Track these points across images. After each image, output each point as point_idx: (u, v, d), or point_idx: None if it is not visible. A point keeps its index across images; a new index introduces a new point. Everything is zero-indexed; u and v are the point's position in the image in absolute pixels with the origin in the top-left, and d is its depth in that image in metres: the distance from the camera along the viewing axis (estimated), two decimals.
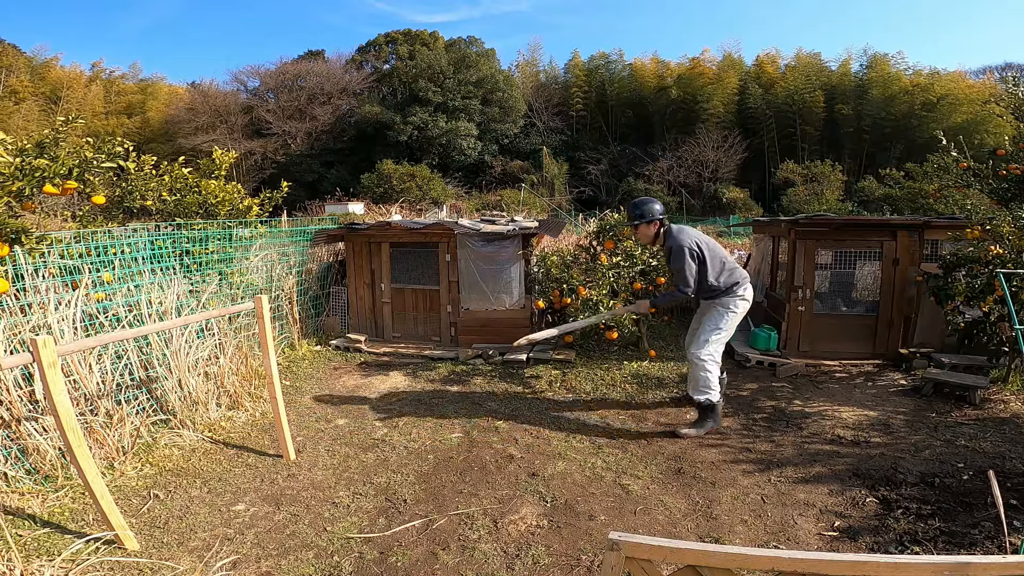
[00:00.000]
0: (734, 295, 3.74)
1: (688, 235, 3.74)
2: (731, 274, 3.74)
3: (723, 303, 3.75)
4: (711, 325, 3.77)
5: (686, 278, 3.62)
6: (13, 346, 3.29)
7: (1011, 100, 5.27)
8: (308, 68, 32.02)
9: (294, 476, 3.32)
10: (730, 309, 3.75)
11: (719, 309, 3.77)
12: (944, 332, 5.04)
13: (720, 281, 3.71)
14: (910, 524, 2.67)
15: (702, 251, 3.67)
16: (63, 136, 3.82)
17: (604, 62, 34.28)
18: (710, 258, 3.68)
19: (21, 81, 28.62)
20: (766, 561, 1.25)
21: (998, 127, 20.51)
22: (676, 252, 3.64)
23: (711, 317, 3.79)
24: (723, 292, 3.73)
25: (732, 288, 3.73)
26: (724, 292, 3.73)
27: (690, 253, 3.63)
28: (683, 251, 3.62)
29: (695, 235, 3.78)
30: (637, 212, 3.86)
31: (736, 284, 3.73)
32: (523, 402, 4.55)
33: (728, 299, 3.74)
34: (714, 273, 3.69)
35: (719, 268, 3.71)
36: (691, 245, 3.65)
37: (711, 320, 3.79)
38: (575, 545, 2.62)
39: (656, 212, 3.83)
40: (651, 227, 3.85)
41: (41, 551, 2.48)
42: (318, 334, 6.52)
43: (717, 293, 3.74)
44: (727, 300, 3.74)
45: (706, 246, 3.72)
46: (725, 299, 3.74)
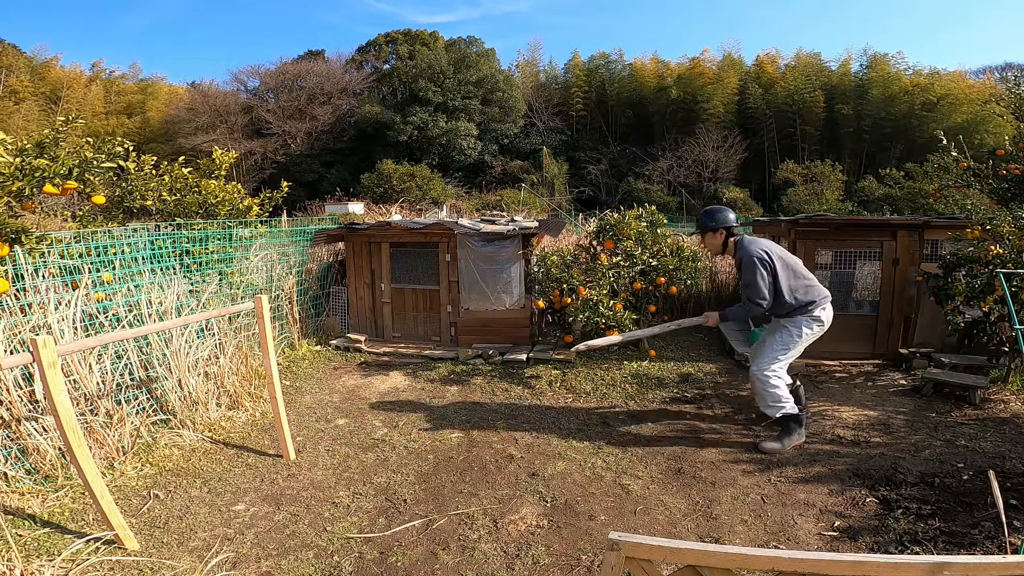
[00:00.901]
0: (809, 314, 3.42)
1: (760, 245, 3.47)
2: (807, 291, 3.43)
3: (795, 323, 3.45)
4: (780, 345, 3.48)
5: (760, 289, 3.33)
6: (13, 346, 3.29)
7: (1011, 100, 5.27)
8: (308, 68, 32.01)
9: (294, 476, 3.32)
10: (803, 329, 3.43)
11: (791, 329, 3.47)
12: (944, 332, 5.03)
13: (795, 297, 3.41)
14: (910, 524, 2.67)
15: (773, 262, 3.39)
16: (63, 136, 3.82)
17: (604, 62, 34.27)
18: (782, 270, 3.39)
19: (21, 81, 28.60)
20: (766, 561, 1.25)
21: (998, 127, 20.50)
22: (747, 262, 3.40)
23: (781, 336, 3.50)
24: (796, 310, 3.43)
25: (807, 306, 3.41)
26: (798, 310, 3.43)
27: (760, 263, 3.37)
28: (753, 261, 3.37)
29: (767, 245, 3.50)
30: (709, 219, 3.62)
31: (812, 303, 3.41)
32: (523, 402, 4.55)
33: (802, 318, 3.43)
34: (787, 287, 3.38)
35: (793, 282, 3.41)
36: (760, 254, 3.40)
37: (781, 339, 3.49)
38: (575, 545, 2.62)
39: (721, 221, 3.58)
40: (717, 236, 3.59)
41: (41, 551, 2.48)
42: (318, 334, 6.52)
43: (791, 310, 3.44)
44: (800, 320, 3.44)
45: (778, 257, 3.43)
46: (799, 318, 3.44)
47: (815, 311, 3.43)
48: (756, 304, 3.40)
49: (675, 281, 5.82)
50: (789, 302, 3.41)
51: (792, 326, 3.47)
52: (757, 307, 3.41)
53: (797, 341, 3.48)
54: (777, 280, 3.38)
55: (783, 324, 3.52)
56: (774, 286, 3.39)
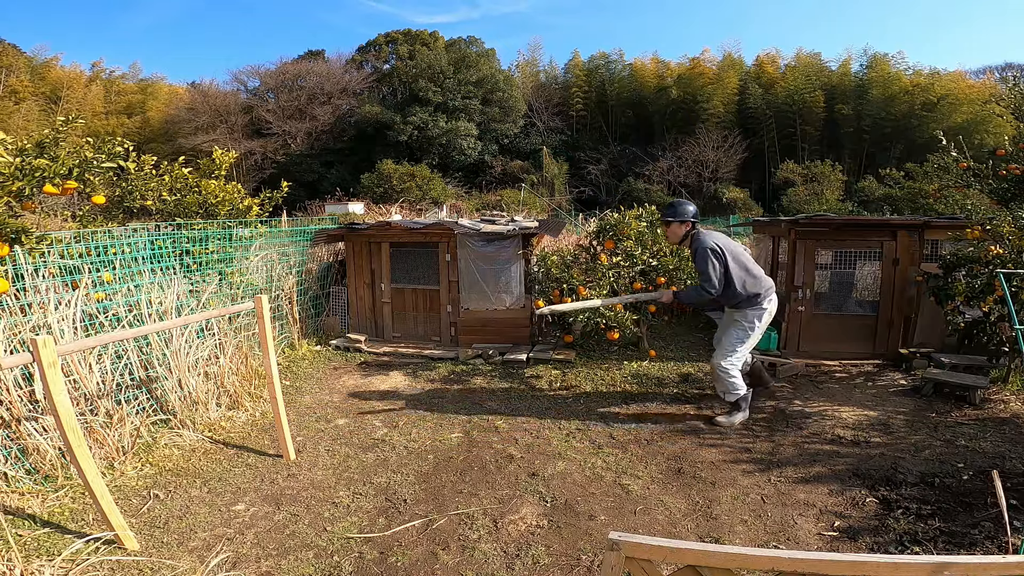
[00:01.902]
0: (757, 306, 3.76)
1: (713, 238, 3.79)
2: (755, 284, 3.75)
3: (746, 316, 3.79)
4: (737, 338, 3.83)
5: (710, 278, 3.65)
6: (13, 346, 3.29)
7: (1011, 100, 5.27)
8: (308, 68, 32.01)
9: (294, 476, 3.32)
10: (754, 321, 3.79)
11: (743, 323, 3.81)
12: (944, 332, 5.04)
13: (744, 289, 3.72)
14: (910, 524, 2.67)
15: (724, 255, 3.70)
16: (63, 136, 3.82)
17: (604, 62, 34.26)
18: (732, 263, 3.70)
19: (21, 81, 28.60)
20: (766, 561, 1.25)
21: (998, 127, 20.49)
22: (700, 253, 3.71)
23: (736, 330, 3.84)
24: (745, 300, 3.75)
25: (755, 298, 3.74)
26: (746, 300, 3.75)
27: (713, 253, 3.68)
28: (706, 251, 3.68)
29: (719, 238, 3.83)
30: (670, 211, 3.97)
31: (758, 295, 3.74)
32: (523, 402, 4.55)
33: (750, 310, 3.78)
34: (738, 279, 3.71)
35: (743, 275, 3.73)
36: (712, 246, 3.71)
37: (736, 333, 3.83)
38: (575, 545, 2.62)
39: (688, 214, 3.91)
40: (682, 227, 3.91)
41: (41, 551, 2.48)
42: (318, 334, 6.52)
43: (740, 301, 3.76)
44: (749, 312, 3.78)
45: (729, 252, 3.74)
46: (747, 311, 3.78)
47: (763, 303, 3.76)
48: (707, 291, 3.71)
49: (675, 281, 5.82)
50: (739, 292, 3.73)
51: (744, 320, 3.80)
52: (708, 294, 3.72)
53: (751, 332, 3.81)
54: (728, 272, 3.70)
55: (735, 318, 3.82)
56: (725, 277, 3.70)
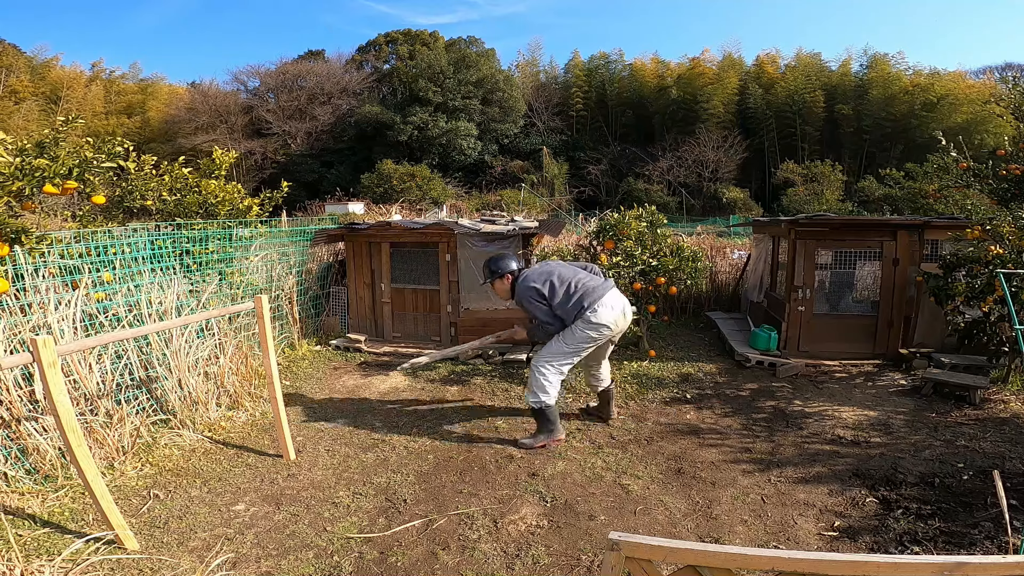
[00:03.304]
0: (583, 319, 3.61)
1: (528, 281, 3.70)
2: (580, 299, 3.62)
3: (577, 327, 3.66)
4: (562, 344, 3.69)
5: (540, 317, 3.66)
6: (13, 346, 3.29)
7: (1011, 100, 5.26)
8: (308, 68, 32.06)
9: (294, 476, 3.32)
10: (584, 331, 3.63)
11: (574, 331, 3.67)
12: (944, 332, 5.03)
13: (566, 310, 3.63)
14: (910, 524, 2.67)
15: (542, 292, 3.64)
16: (63, 136, 3.82)
17: (604, 62, 34.31)
18: (551, 294, 3.64)
19: (21, 81, 28.63)
20: (766, 561, 1.25)
21: (998, 127, 20.51)
22: (519, 298, 3.75)
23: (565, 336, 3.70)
24: (575, 318, 3.65)
25: (581, 312, 3.61)
26: (575, 317, 3.64)
27: (530, 295, 3.64)
28: (522, 297, 3.69)
29: (535, 277, 3.72)
30: (488, 272, 3.90)
31: (582, 308, 3.61)
32: (523, 402, 4.55)
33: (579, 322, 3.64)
34: (559, 306, 3.63)
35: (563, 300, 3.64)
36: (528, 289, 3.66)
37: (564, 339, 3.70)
38: (575, 545, 2.62)
39: (506, 268, 3.84)
40: (505, 281, 3.85)
41: (41, 551, 2.48)
42: (318, 334, 6.52)
43: (572, 318, 3.66)
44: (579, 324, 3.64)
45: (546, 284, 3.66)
46: (578, 323, 3.65)
47: (587, 314, 3.59)
48: (548, 327, 3.68)
49: (675, 281, 5.83)
50: (566, 314, 3.64)
51: (576, 329, 3.64)
52: (549, 328, 3.68)
53: (579, 343, 3.65)
54: (552, 306, 3.64)
55: (569, 328, 3.69)
56: (551, 308, 3.65)
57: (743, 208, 25.02)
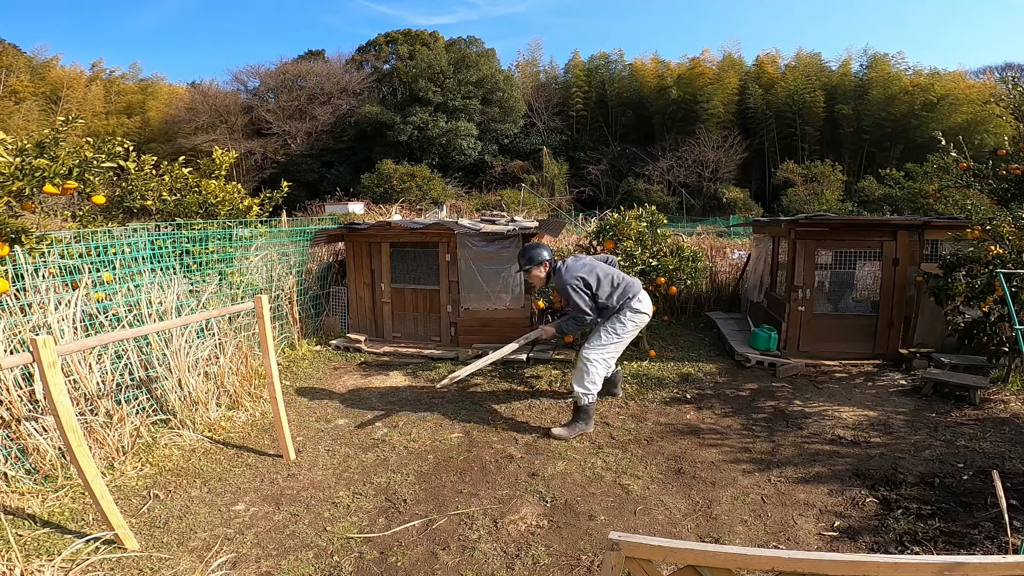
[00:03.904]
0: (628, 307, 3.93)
1: (573, 272, 3.89)
2: (624, 290, 3.93)
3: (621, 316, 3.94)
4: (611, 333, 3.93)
5: (582, 308, 3.81)
6: (13, 346, 3.29)
7: (1011, 100, 5.26)
8: (308, 68, 32.06)
9: (294, 476, 3.32)
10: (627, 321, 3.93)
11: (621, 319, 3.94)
12: (944, 332, 5.03)
13: (614, 301, 3.90)
14: (910, 524, 2.67)
15: (588, 281, 3.86)
16: (63, 136, 3.82)
17: (604, 62, 34.30)
18: (596, 284, 3.87)
19: (21, 81, 28.62)
20: (766, 561, 1.25)
21: (998, 127, 20.51)
22: (562, 289, 3.89)
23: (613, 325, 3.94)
24: (619, 309, 3.93)
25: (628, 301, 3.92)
26: (620, 308, 3.93)
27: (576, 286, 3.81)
28: (566, 287, 3.82)
29: (579, 266, 3.93)
30: (524, 260, 4.05)
31: (629, 298, 3.92)
32: (523, 402, 4.55)
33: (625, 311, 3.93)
34: (606, 296, 3.89)
35: (609, 290, 3.91)
36: (573, 280, 3.83)
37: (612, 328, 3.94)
38: (575, 545, 2.62)
39: (542, 256, 4.01)
40: (542, 269, 4.02)
41: (41, 551, 2.48)
42: (318, 334, 6.52)
43: (615, 310, 3.94)
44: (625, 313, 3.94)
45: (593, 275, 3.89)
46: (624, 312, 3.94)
47: (634, 303, 3.94)
48: (585, 320, 3.88)
49: (675, 281, 5.83)
50: (612, 306, 3.91)
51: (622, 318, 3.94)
52: (586, 320, 3.89)
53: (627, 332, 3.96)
54: (597, 296, 3.88)
55: (612, 317, 3.97)
56: (595, 300, 3.88)
57: (743, 208, 25.02)
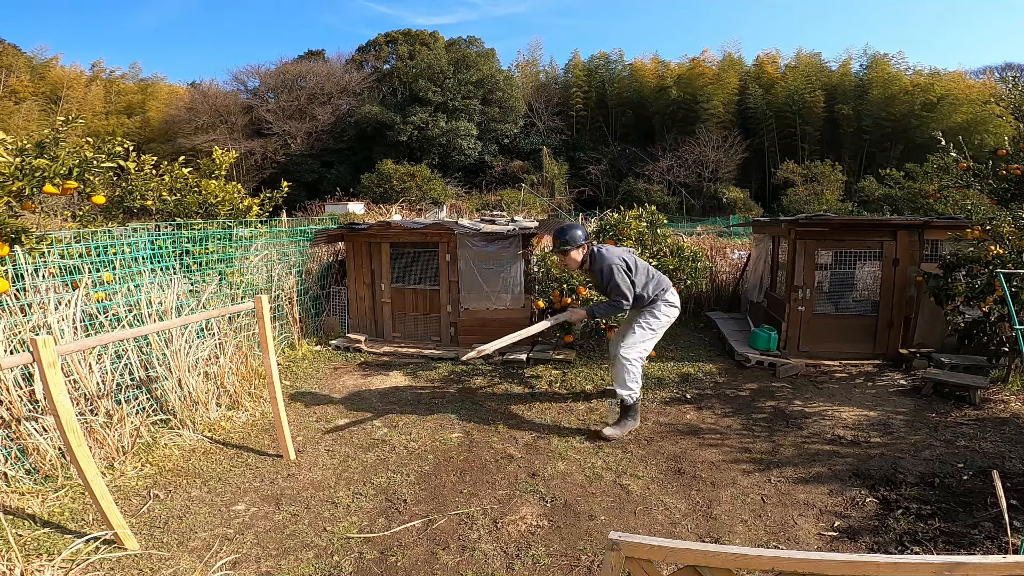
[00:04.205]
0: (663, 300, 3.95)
1: (616, 253, 3.89)
2: (658, 283, 3.96)
3: (655, 309, 3.95)
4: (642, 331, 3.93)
5: (623, 292, 3.76)
6: (13, 346, 3.29)
7: (1011, 100, 5.26)
8: (308, 68, 32.05)
9: (294, 476, 3.32)
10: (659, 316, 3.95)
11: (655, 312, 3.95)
12: (944, 332, 5.03)
13: (649, 291, 3.91)
14: (910, 524, 2.67)
15: (629, 265, 3.85)
16: (63, 136, 3.82)
17: (604, 62, 34.28)
18: (635, 272, 3.87)
19: (21, 81, 28.61)
20: (766, 561, 1.24)
21: (998, 127, 20.50)
22: (607, 270, 3.78)
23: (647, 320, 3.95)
24: (653, 300, 3.94)
25: (661, 294, 3.95)
26: (653, 300, 3.94)
27: (620, 268, 3.78)
28: (612, 267, 3.76)
29: (620, 251, 3.95)
30: (563, 239, 3.92)
31: (663, 291, 3.96)
32: (523, 402, 4.55)
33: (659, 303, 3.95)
34: (642, 285, 3.89)
35: (646, 280, 3.92)
36: (618, 260, 3.80)
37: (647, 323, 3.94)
38: (575, 545, 2.62)
39: (581, 238, 3.91)
40: (580, 252, 3.92)
41: (41, 551, 2.48)
42: (318, 334, 6.52)
43: (649, 302, 3.94)
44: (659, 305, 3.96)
45: (632, 261, 3.91)
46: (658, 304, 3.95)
47: (667, 296, 3.96)
48: (623, 305, 3.80)
49: (675, 281, 5.82)
50: (646, 296, 3.90)
51: (654, 310, 3.94)
52: (622, 307, 3.81)
53: (661, 326, 3.97)
54: (634, 283, 3.85)
55: (645, 311, 3.95)
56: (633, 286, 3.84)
57: (743, 208, 25.01)
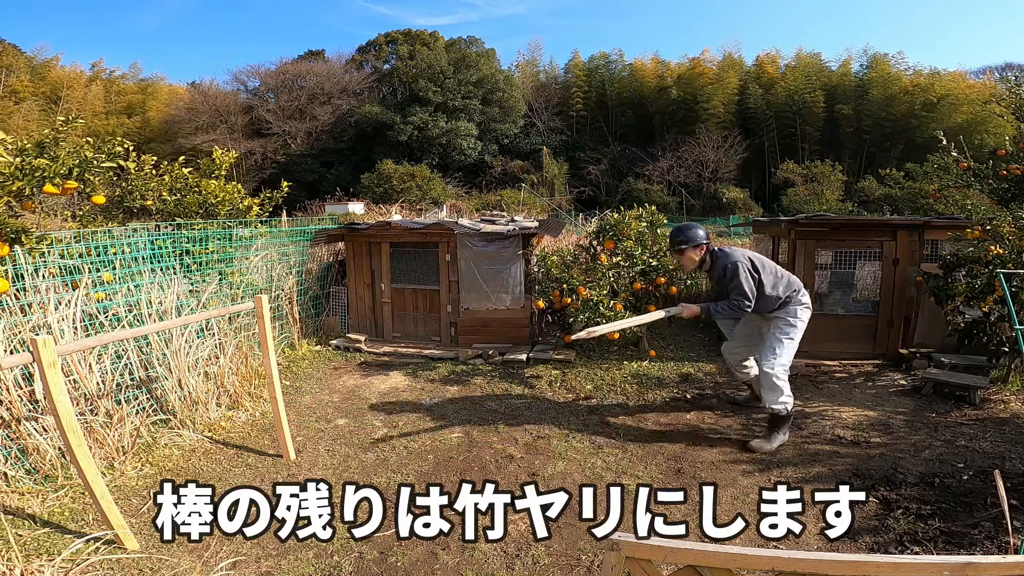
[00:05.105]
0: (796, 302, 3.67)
1: (738, 252, 3.69)
2: (788, 284, 3.69)
3: (788, 312, 3.68)
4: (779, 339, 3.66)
5: (746, 293, 3.56)
6: (13, 346, 3.29)
7: (1011, 100, 5.27)
8: (308, 68, 32.04)
9: (294, 476, 3.32)
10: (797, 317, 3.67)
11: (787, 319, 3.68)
12: (944, 332, 5.03)
13: (779, 292, 3.65)
14: (910, 524, 2.67)
15: (755, 266, 3.64)
16: (63, 136, 3.82)
17: (604, 62, 34.27)
18: (762, 272, 3.64)
19: (21, 81, 28.60)
20: (766, 561, 1.24)
21: (998, 127, 20.51)
22: (731, 269, 3.59)
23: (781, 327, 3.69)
24: (784, 302, 3.67)
25: (793, 295, 3.67)
26: (785, 302, 3.67)
27: (744, 268, 3.58)
28: (737, 266, 3.57)
29: (744, 251, 3.75)
30: (681, 237, 3.75)
31: (795, 291, 3.68)
32: (523, 402, 4.55)
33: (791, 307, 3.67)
34: (771, 285, 3.64)
35: (774, 280, 3.66)
36: (742, 259, 3.62)
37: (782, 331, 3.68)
38: (575, 545, 2.62)
39: (700, 237, 3.74)
40: (697, 252, 3.75)
41: (41, 551, 2.48)
42: (318, 334, 6.52)
43: (778, 305, 3.68)
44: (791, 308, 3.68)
45: (758, 261, 3.68)
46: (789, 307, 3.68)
47: (800, 297, 3.70)
48: (744, 306, 3.61)
49: (675, 281, 5.83)
50: (776, 296, 3.66)
51: (787, 315, 3.68)
52: (744, 309, 3.62)
53: (799, 331, 3.69)
54: (762, 283, 3.63)
55: (776, 316, 3.71)
56: (758, 288, 3.63)
57: (743, 208, 25.00)
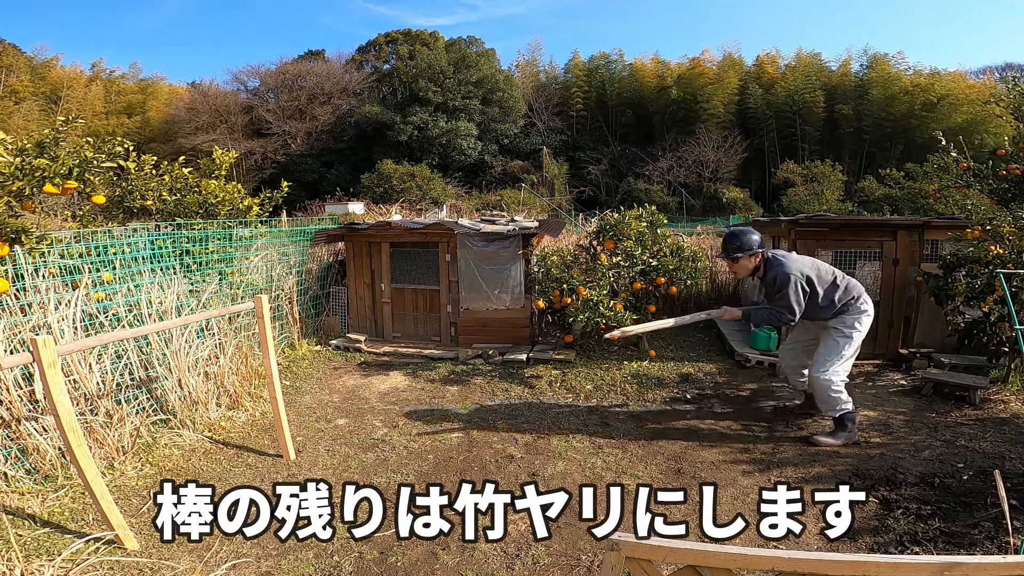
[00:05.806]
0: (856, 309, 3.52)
1: (795, 265, 3.51)
2: (847, 290, 3.52)
3: (844, 321, 3.54)
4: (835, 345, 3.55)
5: (793, 307, 3.43)
6: (13, 346, 3.29)
7: (1011, 100, 5.26)
8: (308, 68, 32.02)
9: (294, 476, 3.32)
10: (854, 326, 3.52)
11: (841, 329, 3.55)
12: (944, 332, 5.03)
13: (836, 299, 3.50)
14: (910, 524, 2.67)
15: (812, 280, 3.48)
16: (63, 136, 3.82)
17: (604, 62, 34.24)
18: (818, 282, 3.49)
19: (21, 81, 28.58)
20: (766, 561, 1.24)
21: (998, 127, 20.49)
22: (782, 279, 3.47)
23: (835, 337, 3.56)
24: (841, 309, 3.53)
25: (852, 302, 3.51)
26: (842, 309, 3.52)
27: (798, 282, 3.45)
28: (788, 279, 3.45)
29: (801, 263, 3.56)
30: (736, 245, 3.63)
31: (854, 298, 3.51)
32: (523, 402, 4.55)
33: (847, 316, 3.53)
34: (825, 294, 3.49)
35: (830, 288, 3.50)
36: (796, 274, 3.46)
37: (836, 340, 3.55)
38: (575, 545, 2.62)
39: (755, 244, 3.62)
40: (752, 259, 3.64)
41: (41, 551, 2.48)
42: (318, 334, 6.52)
43: (835, 312, 3.53)
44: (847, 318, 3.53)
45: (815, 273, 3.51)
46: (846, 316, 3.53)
47: (860, 304, 3.54)
48: (786, 319, 3.51)
49: (675, 281, 5.82)
50: (830, 306, 3.53)
51: (842, 325, 3.55)
52: (786, 321, 3.53)
53: (852, 338, 3.55)
54: (815, 293, 3.50)
55: (831, 326, 3.59)
56: (810, 299, 3.49)
57: (743, 208, 24.98)
